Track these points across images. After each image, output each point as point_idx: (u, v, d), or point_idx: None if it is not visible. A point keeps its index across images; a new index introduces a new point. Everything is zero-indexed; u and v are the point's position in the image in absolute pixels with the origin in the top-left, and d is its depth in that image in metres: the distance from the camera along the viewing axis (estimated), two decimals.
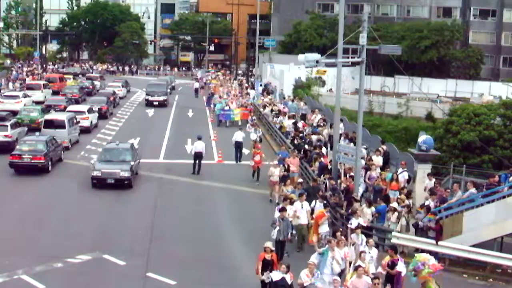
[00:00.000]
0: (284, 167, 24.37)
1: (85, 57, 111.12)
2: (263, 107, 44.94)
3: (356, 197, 20.69)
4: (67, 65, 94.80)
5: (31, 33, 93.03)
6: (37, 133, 30.59)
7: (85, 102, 47.24)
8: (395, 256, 15.10)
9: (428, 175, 22.10)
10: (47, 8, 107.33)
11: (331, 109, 36.14)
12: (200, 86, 67.82)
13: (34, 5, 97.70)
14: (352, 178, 22.24)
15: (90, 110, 40.09)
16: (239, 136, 31.23)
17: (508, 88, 55.11)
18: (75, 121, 34.61)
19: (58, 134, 31.18)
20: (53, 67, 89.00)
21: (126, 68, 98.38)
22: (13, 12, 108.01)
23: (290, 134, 33.30)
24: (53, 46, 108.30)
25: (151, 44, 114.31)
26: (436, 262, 14.50)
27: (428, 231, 18.90)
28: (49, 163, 27.78)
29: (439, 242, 18.32)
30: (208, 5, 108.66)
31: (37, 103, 44.12)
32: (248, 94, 53.68)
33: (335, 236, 15.97)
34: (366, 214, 19.20)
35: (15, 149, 27.86)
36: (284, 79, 56.71)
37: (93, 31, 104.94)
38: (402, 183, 22.25)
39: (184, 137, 37.12)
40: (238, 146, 31.21)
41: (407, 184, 22.63)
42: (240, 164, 30.85)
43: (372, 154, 25.92)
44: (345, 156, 23.55)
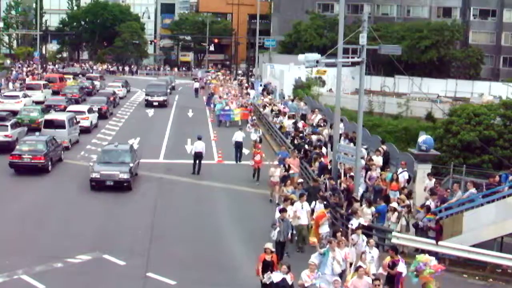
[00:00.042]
0: (285, 168, 24.36)
1: (85, 57, 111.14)
2: (263, 107, 44.95)
3: (356, 197, 20.69)
4: (67, 65, 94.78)
5: (31, 33, 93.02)
6: (37, 133, 30.58)
7: (85, 102, 47.23)
8: (396, 257, 15.10)
9: (428, 175, 22.09)
10: (47, 8, 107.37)
11: (331, 109, 36.14)
12: (201, 86, 67.82)
13: (34, 5, 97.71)
14: (352, 178, 22.24)
15: (90, 110, 40.09)
16: (239, 136, 31.23)
17: (508, 88, 55.11)
18: (75, 121, 34.61)
19: (58, 134, 31.18)
20: (53, 67, 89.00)
21: (126, 68, 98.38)
22: (13, 12, 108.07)
23: (290, 134, 33.30)
24: (53, 46, 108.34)
25: (151, 44, 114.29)
26: (437, 263, 14.52)
27: (428, 231, 18.90)
28: (49, 163, 27.78)
29: (439, 242, 18.31)
30: (208, 5, 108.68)
31: (37, 103, 44.12)
32: (248, 94, 53.71)
33: (336, 237, 15.95)
34: (366, 214, 19.20)
35: (15, 149, 27.86)
36: (284, 79, 56.70)
37: (93, 31, 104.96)
38: (402, 183, 22.24)
39: (184, 137, 37.11)
40: (238, 146, 31.21)
41: (407, 184, 22.62)
42: (240, 164, 30.85)
43: (372, 154, 25.91)
44: (345, 156, 23.54)
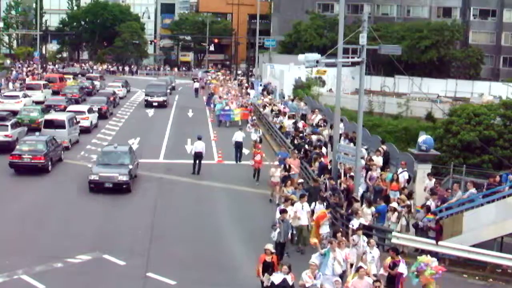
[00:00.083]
0: (285, 168, 24.33)
1: (85, 57, 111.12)
2: (263, 107, 44.96)
3: (356, 197, 20.69)
4: (67, 65, 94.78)
5: (31, 33, 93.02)
6: (37, 133, 30.58)
7: (85, 102, 47.23)
8: (397, 258, 15.08)
9: (428, 175, 22.08)
10: (47, 8, 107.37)
11: (331, 109, 36.14)
12: (201, 86, 67.82)
13: (34, 5, 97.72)
14: (352, 178, 22.23)
15: (90, 110, 40.08)
16: (239, 136, 31.23)
17: (508, 88, 55.10)
18: (75, 121, 34.60)
19: (58, 134, 31.17)
20: (53, 67, 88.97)
21: (126, 68, 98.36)
22: (13, 12, 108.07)
23: (290, 134, 33.30)
24: (53, 46, 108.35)
25: (151, 44, 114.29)
26: (438, 265, 14.52)
27: (428, 231, 18.89)
28: (49, 163, 27.77)
29: (439, 242, 18.32)
30: (208, 5, 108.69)
31: (37, 103, 44.11)
32: (248, 94, 53.72)
33: (336, 237, 15.92)
34: (366, 214, 19.19)
35: (15, 149, 27.85)
36: (284, 79, 56.69)
37: (93, 31, 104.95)
38: (402, 183, 22.24)
39: (184, 137, 37.11)
40: (238, 146, 31.20)
41: (407, 184, 22.62)
42: (240, 164, 30.84)
43: (372, 155, 25.90)
44: (345, 156, 23.54)
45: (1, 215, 21.74)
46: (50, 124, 32.55)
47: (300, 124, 35.00)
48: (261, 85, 59.32)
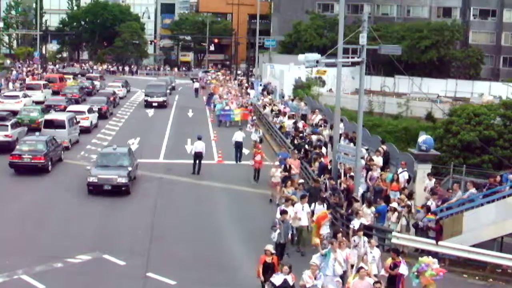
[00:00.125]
0: (285, 168, 24.30)
1: (85, 57, 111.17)
2: (263, 107, 44.96)
3: (356, 197, 20.68)
4: (67, 65, 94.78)
5: (31, 33, 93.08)
6: (37, 133, 30.57)
7: (85, 102, 47.24)
8: (397, 258, 15.05)
9: (428, 175, 22.07)
10: (47, 8, 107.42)
11: (331, 109, 36.14)
12: (201, 86, 67.81)
13: (34, 5, 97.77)
14: (352, 178, 22.22)
15: (90, 110, 40.08)
16: (239, 136, 31.22)
17: (508, 88, 55.08)
18: (75, 121, 34.60)
19: (58, 134, 31.17)
20: (53, 67, 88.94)
21: (126, 68, 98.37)
22: (13, 12, 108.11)
23: (290, 134, 33.29)
24: (53, 46, 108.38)
25: (151, 44, 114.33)
26: (439, 267, 14.51)
27: (428, 231, 18.89)
28: (49, 163, 27.77)
29: (439, 242, 18.32)
30: (208, 5, 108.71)
31: (37, 103, 44.11)
32: (248, 94, 53.73)
33: (336, 237, 15.90)
34: (366, 215, 19.18)
35: (15, 149, 27.85)
36: (284, 79, 56.68)
37: (93, 31, 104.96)
38: (402, 183, 22.23)
39: (184, 137, 37.11)
40: (238, 146, 31.20)
41: (407, 184, 22.62)
42: (240, 164, 30.84)
43: (372, 155, 25.88)
44: (345, 156, 23.54)
45: (1, 215, 21.74)
46: (50, 124, 32.55)
47: (300, 124, 34.99)
48: (261, 85, 59.31)
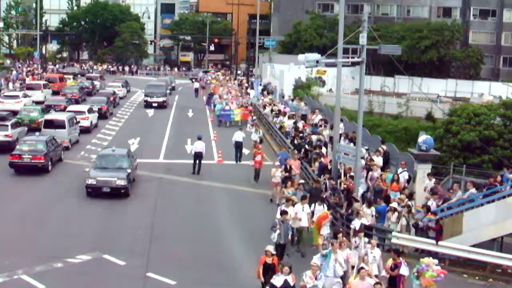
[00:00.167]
0: (286, 169, 24.29)
1: (85, 57, 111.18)
2: (263, 107, 44.96)
3: (356, 197, 20.68)
4: (68, 65, 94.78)
5: (31, 33, 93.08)
6: (37, 133, 30.57)
7: (85, 102, 47.25)
8: (398, 259, 15.03)
9: (428, 175, 22.07)
10: (47, 8, 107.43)
11: (331, 109, 36.14)
12: (201, 86, 67.81)
13: (34, 5, 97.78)
14: (352, 178, 22.22)
15: (90, 110, 40.08)
16: (239, 136, 31.22)
17: (508, 88, 55.08)
18: (75, 121, 34.60)
19: (58, 134, 31.16)
20: (53, 67, 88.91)
21: (126, 68, 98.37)
22: (13, 12, 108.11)
23: (290, 134, 33.28)
24: (53, 46, 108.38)
25: (151, 44, 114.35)
26: (440, 268, 14.48)
27: (428, 231, 18.89)
28: (49, 163, 27.76)
29: (439, 242, 18.32)
30: (208, 5, 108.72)
31: (37, 103, 44.11)
32: (248, 94, 53.72)
33: (337, 238, 15.89)
34: (366, 215, 19.18)
35: (15, 149, 27.84)
36: (284, 79, 56.68)
37: (93, 31, 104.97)
38: (403, 184, 22.23)
39: (184, 137, 37.11)
40: (238, 146, 31.20)
41: (407, 184, 22.62)
42: (240, 164, 30.84)
43: (372, 155, 25.88)
44: (345, 156, 23.54)
45: (1, 215, 21.74)
46: (50, 124, 32.55)
47: (300, 124, 34.99)
48: (261, 85, 59.30)
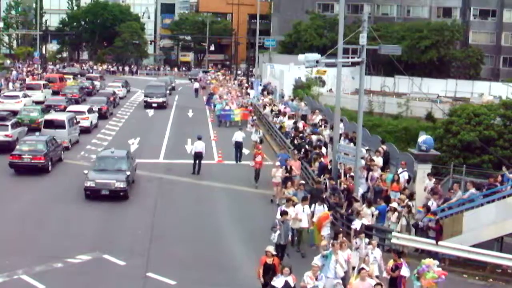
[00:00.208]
0: (286, 169, 24.27)
1: (85, 57, 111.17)
2: (263, 107, 44.95)
3: (356, 197, 20.67)
4: (68, 65, 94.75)
5: (31, 33, 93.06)
6: (37, 133, 30.57)
7: (85, 102, 47.25)
8: (399, 260, 15.01)
9: (428, 175, 22.07)
10: (47, 8, 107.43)
11: (331, 109, 36.14)
12: (202, 87, 67.79)
13: (34, 5, 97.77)
14: (352, 178, 22.22)
15: (90, 110, 40.07)
16: (239, 136, 31.21)
17: (508, 88, 55.08)
18: (75, 121, 34.60)
19: (58, 134, 31.16)
20: (53, 67, 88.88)
21: (126, 68, 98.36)
22: (13, 12, 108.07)
23: (290, 134, 33.27)
24: (53, 46, 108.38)
25: (151, 44, 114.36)
26: (441, 269, 14.46)
27: (428, 231, 18.89)
28: (49, 163, 27.76)
29: (439, 242, 18.32)
30: (208, 5, 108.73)
31: (37, 103, 44.11)
32: (248, 94, 53.70)
33: (337, 238, 15.87)
34: (366, 215, 19.18)
35: (15, 149, 27.83)
36: (284, 79, 56.68)
37: (93, 31, 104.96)
38: (403, 184, 22.22)
39: (184, 137, 37.11)
40: (238, 146, 31.19)
41: (407, 184, 22.62)
42: (240, 164, 30.83)
43: (373, 155, 25.87)
44: (345, 156, 23.54)
45: (1, 215, 21.73)
46: (50, 124, 32.54)
47: (300, 124, 34.97)
48: (261, 85, 59.27)
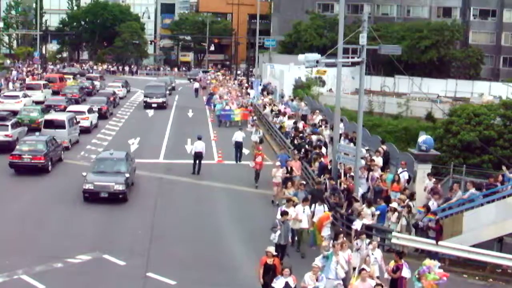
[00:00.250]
0: (287, 170, 24.25)
1: (85, 57, 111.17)
2: (263, 107, 44.95)
3: (356, 197, 20.67)
4: (68, 65, 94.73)
5: (31, 33, 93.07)
6: (37, 133, 30.57)
7: (85, 102, 47.25)
8: (400, 261, 15.02)
9: (428, 175, 22.08)
10: (47, 8, 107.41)
11: (331, 109, 36.14)
12: (202, 87, 67.77)
13: (34, 5, 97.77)
14: (352, 178, 22.22)
15: (90, 110, 40.07)
16: (239, 136, 31.21)
17: (508, 88, 55.08)
18: (75, 121, 34.59)
19: (58, 134, 31.16)
20: (53, 67, 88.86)
21: (126, 68, 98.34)
22: (13, 12, 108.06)
23: (290, 134, 33.26)
24: (53, 46, 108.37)
25: (151, 44, 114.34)
26: (442, 271, 14.45)
27: (428, 231, 18.89)
28: (49, 163, 27.75)
29: (439, 242, 18.32)
30: (208, 5, 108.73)
31: (37, 103, 44.11)
32: (248, 94, 53.69)
33: (337, 238, 15.85)
34: (366, 215, 19.17)
35: (15, 149, 27.82)
36: (284, 79, 56.67)
37: (93, 31, 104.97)
38: (403, 184, 22.22)
39: (184, 137, 37.11)
40: (238, 146, 31.20)
41: (407, 184, 22.62)
42: (240, 164, 30.83)
43: (373, 155, 25.87)
44: (345, 156, 23.54)
45: (1, 215, 21.73)
46: (50, 124, 32.54)
47: (300, 125, 34.97)
48: (261, 85, 59.24)
